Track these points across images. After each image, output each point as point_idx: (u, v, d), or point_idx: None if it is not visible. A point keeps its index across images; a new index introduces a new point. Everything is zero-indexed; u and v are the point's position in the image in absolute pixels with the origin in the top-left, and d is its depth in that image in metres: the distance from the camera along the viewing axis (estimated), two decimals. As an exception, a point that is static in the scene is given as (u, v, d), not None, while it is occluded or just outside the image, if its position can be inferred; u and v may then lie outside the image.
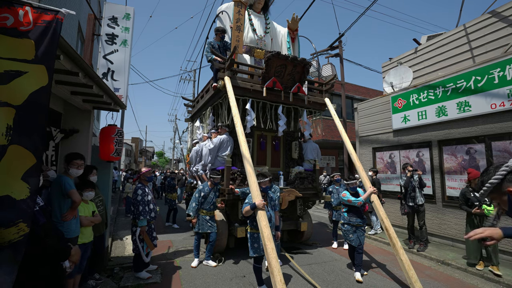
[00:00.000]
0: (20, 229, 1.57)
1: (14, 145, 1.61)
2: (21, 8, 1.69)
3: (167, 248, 5.45)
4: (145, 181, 4.11)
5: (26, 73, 1.67)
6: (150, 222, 3.97)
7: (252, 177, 3.64)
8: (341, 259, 4.92)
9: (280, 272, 2.87)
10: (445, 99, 5.77)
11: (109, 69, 5.14)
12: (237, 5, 5.82)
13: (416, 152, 6.43)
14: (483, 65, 5.16)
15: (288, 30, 6.60)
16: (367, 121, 7.95)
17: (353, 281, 3.91)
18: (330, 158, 16.74)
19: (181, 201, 12.42)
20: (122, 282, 3.72)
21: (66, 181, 2.79)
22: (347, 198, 4.08)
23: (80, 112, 4.03)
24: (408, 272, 3.49)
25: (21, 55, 1.67)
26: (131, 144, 40.24)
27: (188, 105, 8.46)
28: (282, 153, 6.10)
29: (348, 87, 15.15)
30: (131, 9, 5.42)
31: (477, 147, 5.20)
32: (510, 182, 1.10)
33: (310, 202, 5.92)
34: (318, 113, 6.61)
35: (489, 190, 1.17)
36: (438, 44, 7.18)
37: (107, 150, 4.16)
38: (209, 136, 5.83)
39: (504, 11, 5.79)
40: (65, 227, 2.73)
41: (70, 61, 2.44)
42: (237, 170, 5.10)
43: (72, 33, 6.89)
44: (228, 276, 4.02)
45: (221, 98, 5.46)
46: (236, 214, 4.95)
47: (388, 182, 7.13)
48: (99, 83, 3.14)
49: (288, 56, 5.16)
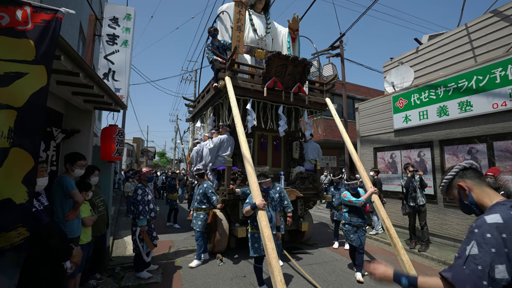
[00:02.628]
0: (20, 233, 1.55)
1: (16, 147, 1.59)
2: (19, 8, 1.67)
3: (168, 248, 5.46)
4: (145, 181, 4.12)
5: (27, 74, 1.64)
6: (150, 222, 3.98)
7: (253, 177, 3.64)
8: (342, 259, 4.91)
9: (280, 272, 2.86)
10: (447, 98, 5.75)
11: (110, 69, 5.15)
12: (238, 5, 5.82)
13: (417, 152, 6.41)
14: (485, 64, 5.14)
15: (288, 30, 6.60)
16: (368, 121, 7.94)
17: (354, 281, 3.90)
18: (331, 158, 16.71)
19: (182, 201, 12.44)
20: (123, 282, 3.73)
21: (68, 181, 2.80)
22: (348, 198, 4.07)
23: (81, 112, 4.05)
24: (409, 273, 3.48)
25: (21, 56, 1.64)
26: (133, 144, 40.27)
27: (189, 105, 8.47)
28: (283, 153, 6.10)
29: (349, 87, 15.12)
30: (132, 9, 5.43)
31: (479, 147, 5.18)
32: (460, 177, 1.22)
33: (311, 202, 5.91)
34: (319, 113, 6.61)
35: (446, 186, 1.28)
36: (439, 44, 7.15)
37: (108, 150, 4.17)
38: (209, 136, 5.84)
39: (506, 10, 5.76)
40: (67, 227, 2.74)
41: (70, 62, 2.45)
42: (237, 170, 5.10)
43: (73, 33, 6.91)
44: (229, 276, 4.02)
45: (222, 98, 5.47)
46: (236, 214, 4.95)
47: (389, 182, 7.11)
48: (100, 83, 3.15)
49: (288, 56, 5.16)
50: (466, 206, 1.21)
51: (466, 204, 1.20)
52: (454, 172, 1.25)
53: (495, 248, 0.92)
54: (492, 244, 0.93)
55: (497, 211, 1.01)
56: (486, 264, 0.92)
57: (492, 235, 0.95)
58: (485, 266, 0.92)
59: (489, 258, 0.92)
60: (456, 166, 1.26)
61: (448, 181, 1.27)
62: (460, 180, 1.22)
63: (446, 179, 1.28)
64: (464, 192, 1.20)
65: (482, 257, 0.93)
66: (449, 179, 1.27)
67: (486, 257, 0.93)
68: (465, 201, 1.20)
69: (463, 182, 1.21)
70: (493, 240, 0.94)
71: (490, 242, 0.94)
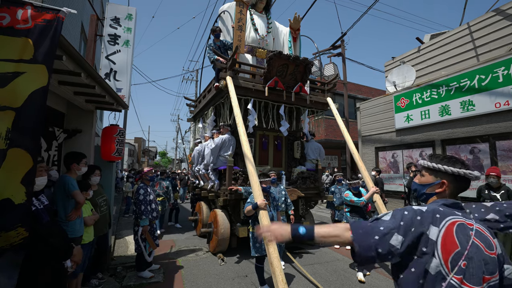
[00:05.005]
0: (19, 233, 1.55)
1: (14, 148, 1.57)
2: (20, 8, 1.66)
3: (170, 247, 5.46)
4: (147, 180, 4.12)
5: (24, 74, 1.62)
6: (152, 221, 3.98)
7: (254, 176, 3.64)
8: (343, 259, 4.90)
9: (282, 272, 2.86)
10: (449, 98, 5.72)
11: (112, 69, 5.15)
12: (239, 5, 5.81)
13: (419, 151, 6.39)
14: (487, 63, 5.11)
15: (290, 30, 6.59)
16: (370, 121, 7.92)
17: (356, 281, 3.89)
18: (332, 158, 16.69)
19: (184, 201, 12.47)
20: (124, 281, 3.73)
21: (69, 181, 2.80)
22: (350, 198, 4.06)
23: (83, 112, 4.05)
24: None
25: (18, 55, 1.62)
26: (134, 144, 40.39)
27: (190, 105, 8.48)
28: (284, 153, 6.09)
29: (351, 86, 15.08)
30: (133, 9, 5.44)
31: (481, 146, 5.15)
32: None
33: (312, 202, 5.90)
34: (320, 113, 6.60)
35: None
36: (441, 43, 7.13)
37: (108, 149, 4.16)
38: (211, 136, 5.84)
39: (508, 9, 5.73)
40: (69, 227, 2.75)
41: (72, 62, 2.45)
42: (239, 170, 5.10)
43: (75, 34, 6.94)
44: (230, 276, 4.03)
45: (223, 98, 5.47)
46: (238, 213, 4.95)
47: (391, 182, 7.09)
48: (102, 83, 3.15)
49: (290, 56, 5.15)
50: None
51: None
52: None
53: (404, 222, 0.99)
54: (404, 219, 1.00)
55: (428, 205, 1.09)
56: (388, 228, 1.00)
57: (408, 213, 1.02)
58: (386, 229, 1.00)
59: (393, 225, 1.00)
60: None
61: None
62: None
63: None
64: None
65: (388, 223, 1.01)
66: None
67: (391, 224, 1.01)
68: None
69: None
70: (407, 217, 1.01)
71: (403, 217, 1.01)
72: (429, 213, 1.01)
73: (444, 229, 0.97)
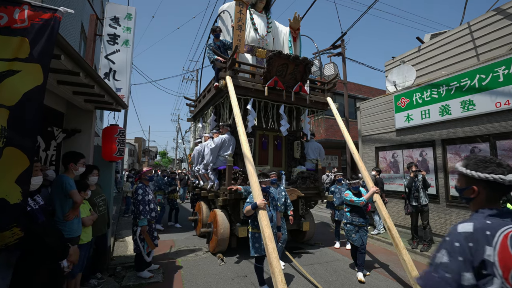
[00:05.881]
0: (14, 233, 1.54)
1: (10, 147, 1.56)
2: (18, 7, 1.65)
3: (169, 247, 5.46)
4: (146, 180, 4.12)
5: (19, 72, 1.60)
6: (151, 221, 3.97)
7: (254, 176, 3.63)
8: (343, 259, 4.89)
9: (281, 272, 2.85)
10: (449, 97, 5.71)
11: (111, 69, 5.15)
12: (239, 5, 5.81)
13: (419, 151, 6.37)
14: (488, 63, 5.10)
15: (290, 29, 6.57)
16: (370, 120, 7.90)
17: (356, 282, 3.88)
18: (332, 158, 16.66)
19: (184, 201, 12.47)
20: (124, 282, 3.73)
21: (67, 181, 2.79)
22: (350, 198, 4.05)
23: (82, 112, 4.05)
24: (411, 273, 3.46)
25: (14, 54, 1.61)
26: (134, 144, 40.39)
27: (190, 105, 8.48)
28: (284, 153, 6.08)
29: (351, 86, 15.06)
30: (133, 9, 5.44)
31: (482, 146, 5.14)
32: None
33: (312, 202, 5.89)
34: (320, 113, 6.58)
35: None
36: (441, 43, 7.11)
37: (109, 150, 4.17)
38: (211, 136, 5.83)
39: (509, 9, 5.71)
40: (67, 226, 2.74)
41: (71, 61, 2.44)
42: (238, 170, 5.09)
43: (75, 33, 6.93)
44: (230, 276, 4.02)
45: (223, 97, 5.46)
46: (237, 213, 4.94)
47: (391, 182, 7.07)
48: (100, 83, 3.14)
49: (289, 55, 5.14)
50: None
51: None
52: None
53: (462, 256, 0.98)
54: (460, 253, 0.98)
55: (473, 219, 1.06)
56: (454, 272, 0.98)
57: (460, 244, 1.00)
58: (453, 274, 0.97)
59: (457, 267, 0.97)
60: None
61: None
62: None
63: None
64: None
65: (451, 266, 0.99)
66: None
67: (454, 265, 0.98)
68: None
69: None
70: (461, 249, 0.99)
71: (458, 251, 0.99)
72: (479, 234, 0.98)
73: (498, 246, 0.94)
